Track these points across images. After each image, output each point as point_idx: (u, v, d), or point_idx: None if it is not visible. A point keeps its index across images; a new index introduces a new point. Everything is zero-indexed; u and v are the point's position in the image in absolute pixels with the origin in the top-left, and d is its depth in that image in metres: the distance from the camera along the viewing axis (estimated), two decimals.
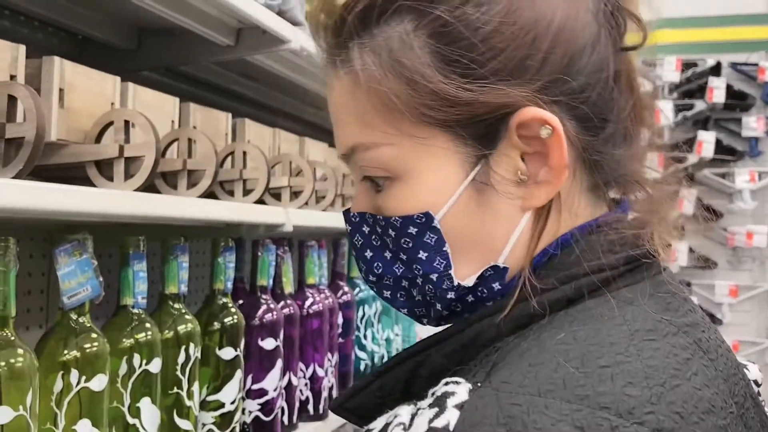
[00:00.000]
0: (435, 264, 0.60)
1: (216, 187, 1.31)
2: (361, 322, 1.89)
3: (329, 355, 1.62)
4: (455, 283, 0.60)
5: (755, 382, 0.63)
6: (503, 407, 0.48)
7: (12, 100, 0.87)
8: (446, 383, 0.52)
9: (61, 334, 0.98)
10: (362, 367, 1.88)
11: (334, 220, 1.66)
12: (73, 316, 0.99)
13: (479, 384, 0.51)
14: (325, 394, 1.59)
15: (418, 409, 0.51)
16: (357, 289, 1.88)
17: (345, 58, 0.61)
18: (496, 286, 0.60)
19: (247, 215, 1.30)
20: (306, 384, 1.56)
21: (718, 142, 3.97)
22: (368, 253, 0.65)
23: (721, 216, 3.96)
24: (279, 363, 1.40)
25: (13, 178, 0.84)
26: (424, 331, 2.64)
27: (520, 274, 0.59)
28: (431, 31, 0.57)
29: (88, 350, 0.97)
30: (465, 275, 0.60)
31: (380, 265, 0.64)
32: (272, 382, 1.38)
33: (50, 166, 1.05)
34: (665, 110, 4.21)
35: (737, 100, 4.06)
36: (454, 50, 0.56)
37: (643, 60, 0.67)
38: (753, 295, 3.99)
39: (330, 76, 0.63)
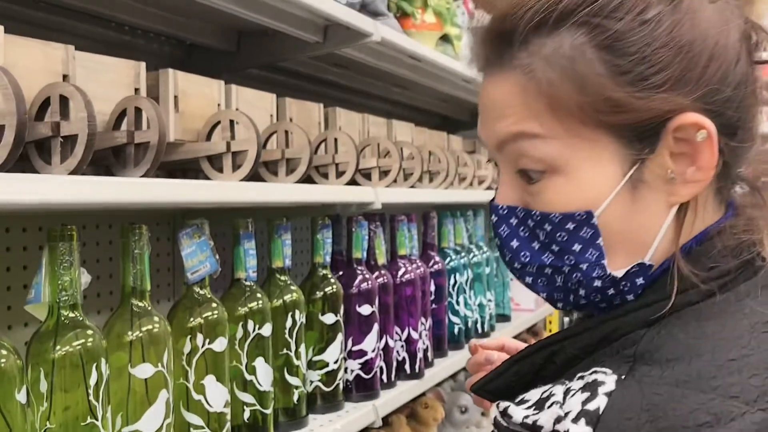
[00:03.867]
0: (588, 255, 0.66)
1: (312, 171, 1.46)
2: (453, 290, 2.02)
3: (423, 319, 1.76)
4: (607, 273, 0.66)
5: None
6: (646, 396, 0.57)
7: (138, 111, 1.04)
8: (595, 371, 0.61)
9: (187, 304, 1.16)
10: (455, 331, 2.01)
11: (421, 195, 1.79)
12: (196, 289, 1.17)
13: (623, 377, 0.60)
14: (420, 355, 1.73)
15: (570, 390, 0.60)
16: (448, 259, 2.01)
17: (514, 60, 0.67)
18: (639, 281, 0.67)
19: (340, 196, 1.44)
20: (402, 346, 1.70)
21: None
22: (514, 243, 0.70)
23: None
24: (376, 327, 1.55)
25: (142, 176, 1.01)
26: (519, 296, 2.67)
27: (651, 272, 0.66)
28: (604, 45, 0.63)
29: (209, 317, 1.15)
30: (615, 267, 0.66)
31: (528, 254, 0.70)
32: (370, 343, 1.54)
33: (169, 162, 1.23)
34: None
35: None
36: (626, 63, 0.63)
37: None
38: None
39: (490, 74, 0.69)
